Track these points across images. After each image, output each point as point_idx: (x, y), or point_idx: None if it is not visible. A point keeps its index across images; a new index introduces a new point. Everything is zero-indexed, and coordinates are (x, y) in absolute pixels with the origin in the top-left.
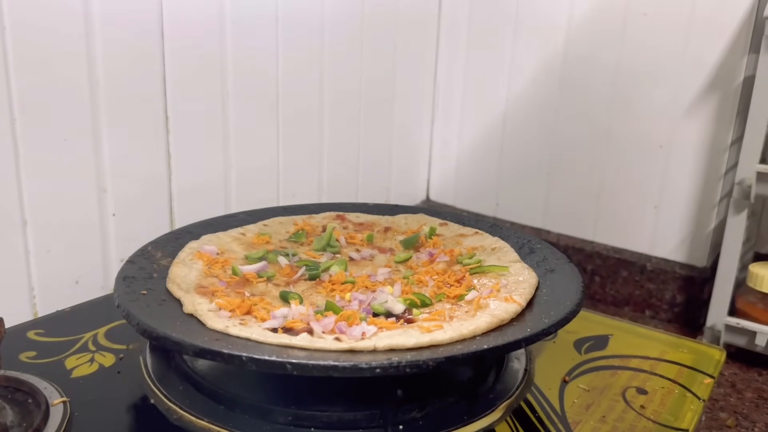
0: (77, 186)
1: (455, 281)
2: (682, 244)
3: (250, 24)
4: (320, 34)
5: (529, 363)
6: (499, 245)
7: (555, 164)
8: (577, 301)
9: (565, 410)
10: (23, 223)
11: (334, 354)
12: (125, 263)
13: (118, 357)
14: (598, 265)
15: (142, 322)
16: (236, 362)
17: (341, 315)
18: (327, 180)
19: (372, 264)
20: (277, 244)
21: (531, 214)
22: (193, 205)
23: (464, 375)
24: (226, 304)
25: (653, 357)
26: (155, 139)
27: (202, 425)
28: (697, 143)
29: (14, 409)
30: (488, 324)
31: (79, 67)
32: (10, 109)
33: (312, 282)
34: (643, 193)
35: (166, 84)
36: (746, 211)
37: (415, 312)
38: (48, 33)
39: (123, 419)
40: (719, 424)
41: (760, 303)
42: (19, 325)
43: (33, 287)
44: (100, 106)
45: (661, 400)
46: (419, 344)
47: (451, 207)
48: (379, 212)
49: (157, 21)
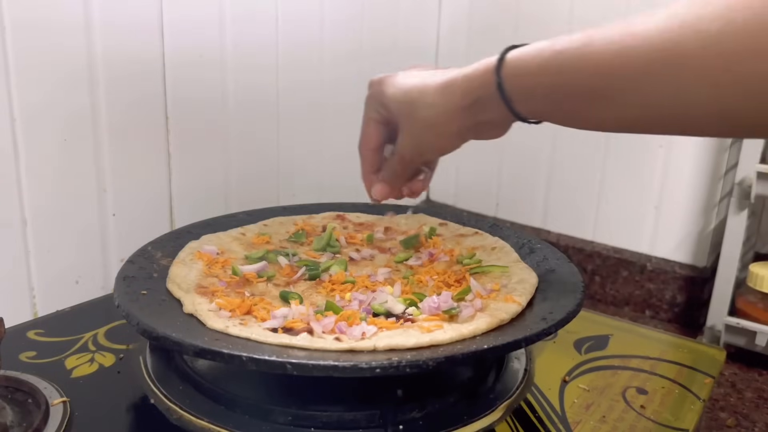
0: (77, 186)
1: (455, 281)
2: (682, 244)
3: (250, 24)
4: (320, 34)
5: (529, 363)
6: (499, 245)
7: (555, 164)
8: (577, 301)
9: (565, 410)
10: (23, 223)
11: (334, 354)
12: (125, 263)
13: (118, 357)
14: (598, 265)
15: (142, 322)
16: (236, 362)
17: (341, 315)
18: (327, 180)
19: (372, 264)
20: (277, 244)
21: (531, 214)
22: (193, 205)
23: (464, 375)
24: (226, 304)
25: (653, 357)
26: (155, 139)
27: (202, 425)
28: (697, 143)
29: (14, 409)
30: (488, 324)
31: (79, 67)
32: (10, 109)
33: (312, 282)
34: (643, 193)
35: (166, 84)
36: (746, 211)
37: (416, 312)
38: (48, 33)
39: (123, 419)
40: (719, 424)
41: (760, 303)
42: (19, 325)
43: (33, 287)
44: (100, 105)
45: (661, 400)
46: (419, 344)
47: (451, 207)
48: (379, 212)
49: (157, 21)
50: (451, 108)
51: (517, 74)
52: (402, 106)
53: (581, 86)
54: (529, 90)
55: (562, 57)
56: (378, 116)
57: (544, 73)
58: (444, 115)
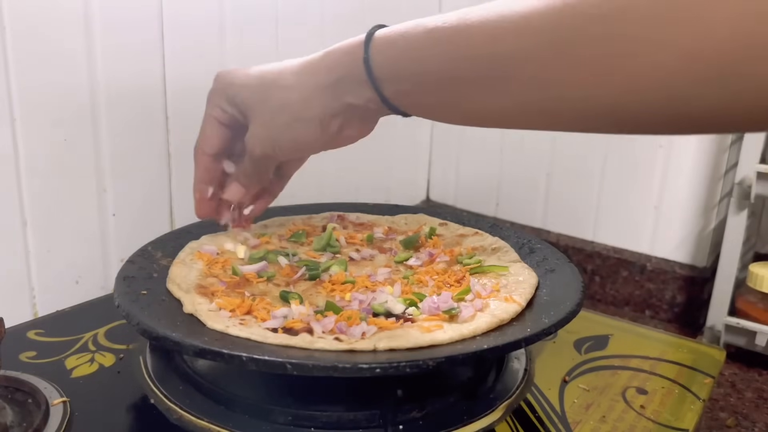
0: (77, 186)
1: (455, 281)
2: (682, 244)
3: (250, 24)
4: (320, 34)
5: (529, 363)
6: (499, 245)
7: (555, 164)
8: (577, 301)
9: (565, 410)
10: (23, 223)
11: (334, 354)
12: (125, 263)
13: (118, 357)
14: (598, 265)
15: (142, 322)
16: (236, 362)
17: (341, 315)
18: (327, 180)
19: (372, 264)
20: (277, 244)
21: (531, 214)
22: (193, 205)
23: (464, 375)
24: (226, 304)
25: (653, 357)
26: (155, 139)
27: (202, 425)
28: (697, 143)
29: (14, 409)
30: (488, 324)
31: (79, 66)
32: (10, 109)
33: (312, 282)
34: (643, 193)
35: (166, 84)
36: (746, 211)
37: (416, 312)
38: (48, 33)
39: (123, 419)
40: (719, 424)
41: (760, 303)
42: (19, 325)
43: (33, 287)
44: (100, 105)
45: (661, 400)
46: (419, 344)
47: (451, 207)
48: (379, 212)
49: (157, 21)
50: (312, 86)
51: (384, 50)
52: (254, 94)
53: (451, 70)
54: (397, 69)
55: (433, 36)
56: (220, 114)
57: (413, 51)
58: (303, 94)
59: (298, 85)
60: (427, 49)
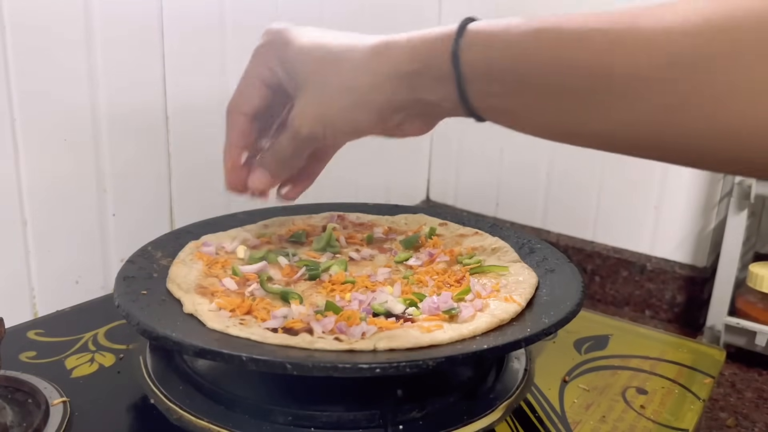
0: (77, 186)
1: (455, 281)
2: (682, 244)
3: (250, 24)
4: None
5: (529, 363)
6: (499, 245)
7: (555, 164)
8: (577, 301)
9: (565, 410)
10: (23, 223)
11: (334, 354)
12: (125, 263)
13: (118, 357)
14: (598, 265)
15: (142, 322)
16: (236, 362)
17: (341, 315)
18: (327, 180)
19: (372, 264)
20: (277, 244)
21: (531, 214)
22: (193, 205)
23: (464, 375)
24: (226, 304)
25: (653, 357)
26: (155, 138)
27: (202, 425)
28: None
29: (14, 409)
30: (488, 324)
31: (79, 66)
32: (10, 109)
33: (312, 282)
34: (643, 193)
35: (166, 84)
36: (746, 211)
37: (416, 312)
38: (48, 33)
39: (123, 419)
40: (719, 424)
41: (760, 303)
42: (19, 325)
43: (33, 287)
44: (100, 105)
45: (661, 400)
46: (419, 344)
47: (451, 207)
48: (379, 212)
49: (157, 21)
50: (385, 72)
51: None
52: (313, 64)
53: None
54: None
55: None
56: (268, 74)
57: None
58: (374, 80)
59: (370, 69)
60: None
